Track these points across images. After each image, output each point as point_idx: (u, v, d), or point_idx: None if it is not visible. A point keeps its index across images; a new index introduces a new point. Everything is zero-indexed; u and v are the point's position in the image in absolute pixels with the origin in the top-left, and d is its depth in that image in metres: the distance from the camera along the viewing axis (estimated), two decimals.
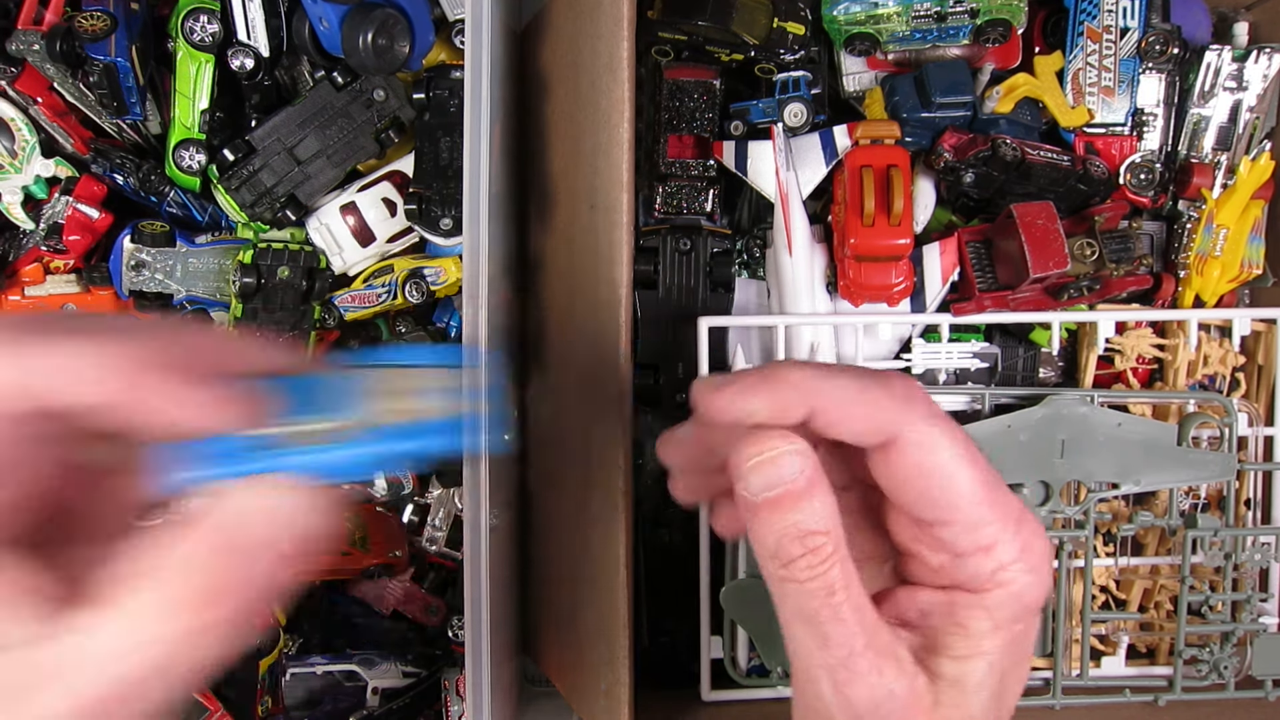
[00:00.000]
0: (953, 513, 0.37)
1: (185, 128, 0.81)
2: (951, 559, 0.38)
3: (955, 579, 0.38)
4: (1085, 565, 0.77)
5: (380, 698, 0.88)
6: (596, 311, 0.67)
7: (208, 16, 0.78)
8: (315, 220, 0.86)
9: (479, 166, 0.63)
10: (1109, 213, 0.78)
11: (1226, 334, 0.81)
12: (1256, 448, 0.81)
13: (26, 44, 0.76)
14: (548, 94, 0.79)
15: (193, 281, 0.85)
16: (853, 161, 0.76)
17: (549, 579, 0.81)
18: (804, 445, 0.37)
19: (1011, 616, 0.38)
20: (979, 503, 0.37)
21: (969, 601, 0.38)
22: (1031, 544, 0.38)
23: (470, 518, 0.65)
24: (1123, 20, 0.79)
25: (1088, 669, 0.78)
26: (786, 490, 0.36)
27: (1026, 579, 0.37)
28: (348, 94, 0.82)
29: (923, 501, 0.38)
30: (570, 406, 0.76)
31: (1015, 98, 0.78)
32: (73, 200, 0.81)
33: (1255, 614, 0.78)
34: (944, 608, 0.38)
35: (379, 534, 0.91)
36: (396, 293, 0.84)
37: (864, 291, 0.77)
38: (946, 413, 0.39)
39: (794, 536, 0.36)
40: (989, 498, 0.37)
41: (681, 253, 0.78)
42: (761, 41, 0.78)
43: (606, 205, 0.65)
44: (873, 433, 0.37)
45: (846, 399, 0.37)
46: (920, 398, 0.38)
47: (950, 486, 0.37)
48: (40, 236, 0.82)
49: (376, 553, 0.90)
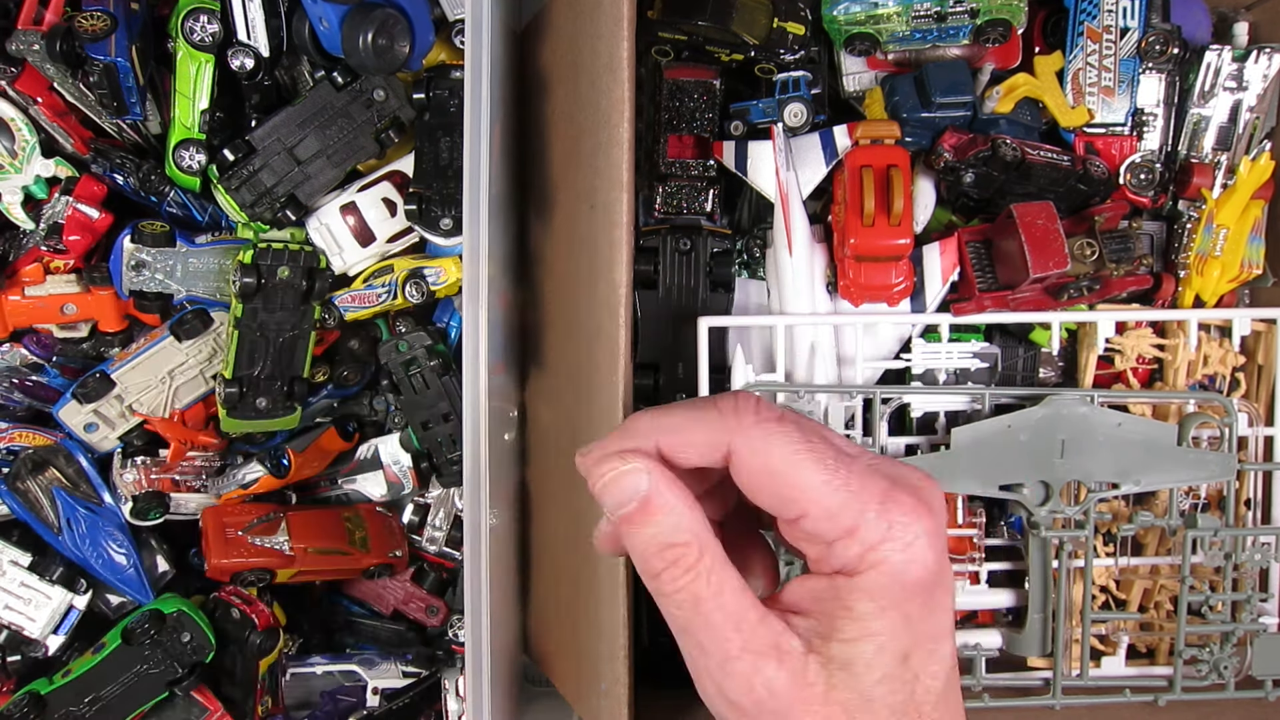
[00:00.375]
0: (805, 505, 0.38)
1: (185, 128, 0.81)
2: (824, 548, 0.39)
3: (833, 565, 0.39)
4: (1085, 565, 0.77)
5: (380, 698, 0.88)
6: (596, 311, 0.67)
7: (208, 16, 0.78)
8: (315, 220, 0.86)
9: (479, 166, 0.63)
10: (1109, 213, 0.78)
11: (1226, 334, 0.81)
12: (1256, 448, 0.81)
13: (27, 44, 0.76)
14: (547, 94, 0.79)
15: (193, 281, 0.85)
16: (853, 161, 0.76)
17: (549, 579, 0.81)
18: (646, 463, 0.40)
19: (898, 596, 0.38)
20: (831, 490, 0.38)
21: (848, 585, 0.38)
22: (902, 522, 0.38)
23: (470, 518, 0.65)
24: (1123, 20, 0.79)
25: (1088, 669, 0.78)
26: (636, 506, 0.39)
27: (900, 557, 0.38)
28: (347, 94, 0.82)
29: (775, 500, 0.39)
30: (570, 406, 0.76)
31: (1015, 98, 0.78)
32: (73, 200, 0.81)
33: (1255, 614, 0.78)
34: (830, 592, 0.39)
35: (379, 534, 0.91)
36: (396, 293, 0.84)
37: (864, 291, 0.77)
38: (787, 412, 0.40)
39: (655, 550, 0.39)
40: (842, 483, 0.38)
41: (681, 253, 0.78)
42: (761, 41, 0.78)
43: (606, 205, 0.65)
44: (712, 450, 0.40)
45: (682, 427, 0.40)
46: (748, 407, 0.40)
47: (794, 481, 0.38)
48: (40, 236, 0.82)
49: (377, 552, 0.90)
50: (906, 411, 0.80)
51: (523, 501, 0.84)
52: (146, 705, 0.79)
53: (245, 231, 0.87)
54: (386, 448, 0.93)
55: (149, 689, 0.78)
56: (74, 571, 0.82)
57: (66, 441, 0.84)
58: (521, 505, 0.84)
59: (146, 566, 0.85)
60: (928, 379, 0.80)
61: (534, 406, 0.84)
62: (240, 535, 0.85)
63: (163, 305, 0.85)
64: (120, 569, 0.83)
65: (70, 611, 0.81)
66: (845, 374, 0.79)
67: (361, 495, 0.95)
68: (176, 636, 0.79)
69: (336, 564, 0.88)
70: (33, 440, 0.84)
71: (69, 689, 0.77)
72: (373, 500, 0.95)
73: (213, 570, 0.84)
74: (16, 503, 0.81)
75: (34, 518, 0.81)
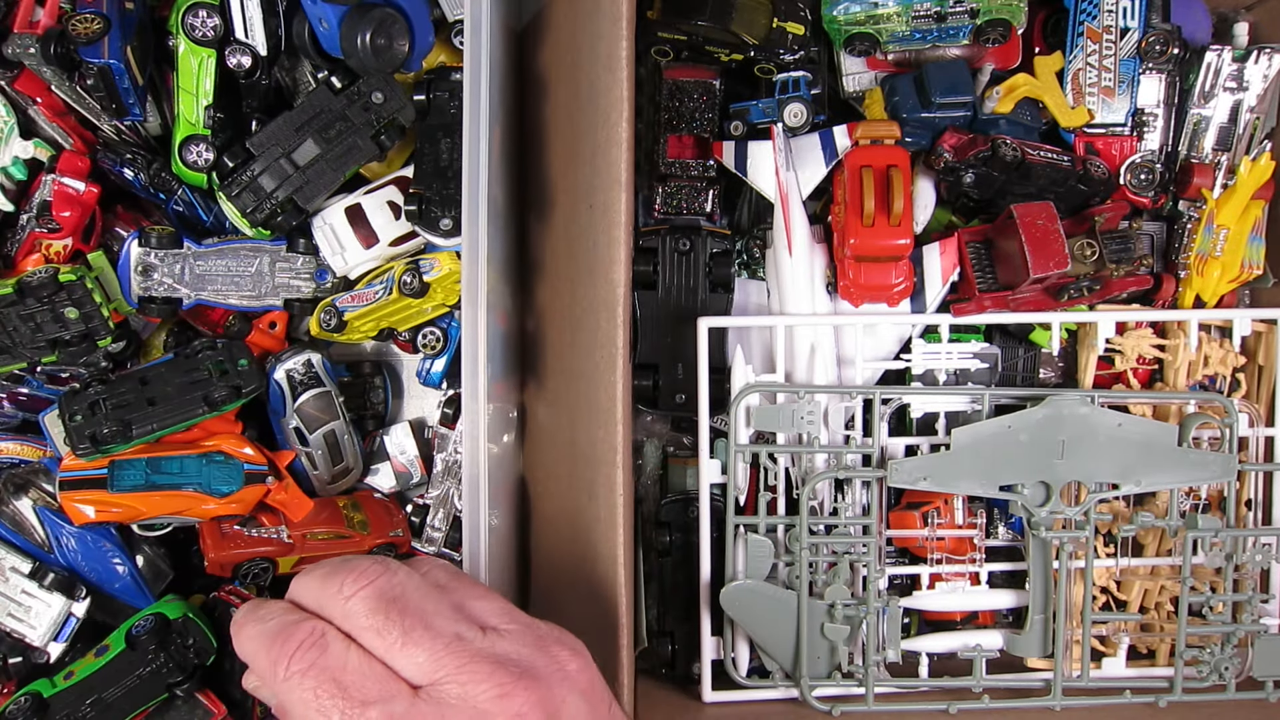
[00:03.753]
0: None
1: (189, 123, 0.81)
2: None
3: None
4: (1086, 566, 0.77)
5: None
6: (595, 311, 0.67)
7: (207, 11, 0.78)
8: (319, 220, 0.86)
9: (478, 167, 0.63)
10: (1109, 213, 0.78)
11: (1227, 334, 0.81)
12: (1257, 448, 0.81)
13: (22, 47, 0.75)
14: (547, 94, 0.79)
15: (200, 285, 0.85)
16: (853, 161, 0.76)
17: (549, 579, 0.81)
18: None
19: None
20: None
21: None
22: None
23: (470, 518, 0.65)
24: (1123, 20, 0.79)
25: (1088, 670, 0.78)
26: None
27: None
28: (345, 97, 0.82)
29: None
30: (569, 406, 0.76)
31: (1015, 98, 0.78)
32: (57, 175, 0.80)
33: (1256, 615, 0.78)
34: None
35: (377, 516, 0.91)
36: (392, 287, 0.84)
37: (864, 292, 0.77)
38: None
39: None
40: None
41: (681, 253, 0.78)
42: (761, 41, 0.78)
43: (605, 205, 0.65)
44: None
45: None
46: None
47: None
48: (32, 216, 0.81)
49: (377, 532, 0.89)
50: (906, 412, 0.79)
51: (522, 501, 0.84)
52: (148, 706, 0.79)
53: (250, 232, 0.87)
54: (391, 439, 0.94)
55: (151, 691, 0.78)
56: (73, 578, 0.82)
57: (49, 460, 0.84)
58: (521, 505, 0.84)
59: (144, 570, 0.85)
60: (928, 379, 0.80)
61: (533, 407, 0.84)
62: (237, 529, 0.84)
63: (170, 310, 0.85)
64: (117, 577, 0.83)
65: (69, 620, 0.81)
66: (845, 374, 0.79)
67: (371, 488, 0.95)
68: (179, 639, 0.79)
69: (338, 548, 0.88)
70: (18, 452, 0.84)
71: (72, 692, 0.77)
72: (383, 493, 0.95)
73: (212, 565, 0.83)
74: (2, 526, 0.81)
75: (21, 539, 0.81)
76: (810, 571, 0.74)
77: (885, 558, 0.79)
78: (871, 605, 0.74)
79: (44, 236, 0.81)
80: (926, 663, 0.79)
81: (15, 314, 0.77)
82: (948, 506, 0.79)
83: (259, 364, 0.85)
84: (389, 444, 0.94)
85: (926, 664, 0.79)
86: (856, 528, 0.75)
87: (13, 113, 0.79)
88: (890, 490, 0.79)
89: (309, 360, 0.88)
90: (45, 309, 0.77)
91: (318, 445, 0.89)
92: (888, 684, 0.77)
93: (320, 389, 0.89)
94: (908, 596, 0.79)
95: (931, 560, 0.79)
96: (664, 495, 0.86)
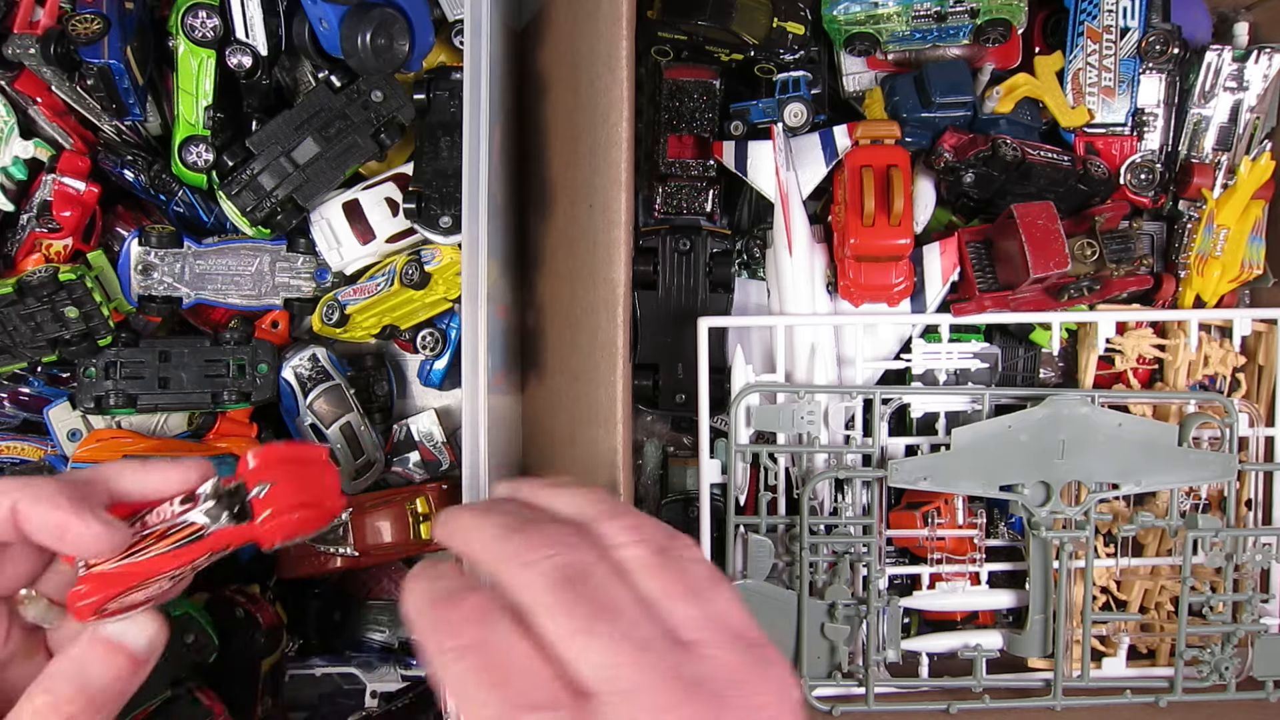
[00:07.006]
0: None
1: (189, 124, 0.81)
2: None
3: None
4: (1086, 566, 0.77)
5: (379, 699, 0.88)
6: (595, 311, 0.67)
7: (207, 12, 0.78)
8: (317, 215, 0.86)
9: (478, 167, 0.63)
10: (1109, 213, 0.78)
11: (1227, 334, 0.81)
12: (1257, 448, 0.81)
13: (23, 48, 0.75)
14: (547, 93, 0.79)
15: (201, 284, 0.85)
16: (853, 161, 0.76)
17: None
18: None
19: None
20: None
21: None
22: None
23: None
24: (1123, 20, 0.79)
25: (1088, 670, 0.78)
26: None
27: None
28: (345, 96, 0.82)
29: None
30: (569, 406, 0.76)
31: (1015, 98, 0.78)
32: (57, 175, 0.80)
33: (1256, 615, 0.78)
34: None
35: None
36: (394, 279, 0.84)
37: (864, 291, 0.77)
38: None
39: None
40: None
41: (681, 253, 0.78)
42: (761, 41, 0.78)
43: (605, 204, 0.65)
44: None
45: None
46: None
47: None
48: (33, 216, 0.81)
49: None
50: (906, 412, 0.79)
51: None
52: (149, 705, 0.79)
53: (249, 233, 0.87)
54: (418, 426, 0.94)
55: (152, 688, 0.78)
56: None
57: (51, 458, 0.84)
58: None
59: None
60: (928, 379, 0.80)
61: (533, 406, 0.84)
62: (309, 544, 0.86)
63: (170, 309, 0.85)
64: None
65: None
66: (845, 374, 0.79)
67: (403, 478, 0.95)
68: (180, 637, 0.79)
69: (396, 556, 0.89)
70: (20, 451, 0.84)
71: None
72: (416, 481, 0.94)
73: (285, 574, 0.87)
74: None
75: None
76: (810, 571, 0.74)
77: (885, 558, 0.79)
78: (872, 605, 0.74)
79: (44, 236, 0.81)
80: (927, 663, 0.79)
81: (15, 314, 0.77)
82: (948, 506, 0.79)
83: (275, 374, 0.86)
84: (415, 431, 0.94)
85: (926, 664, 0.79)
86: (857, 528, 0.75)
87: (13, 113, 0.79)
88: (890, 490, 0.79)
89: (314, 355, 0.88)
90: (45, 308, 0.77)
91: (336, 440, 0.88)
92: (888, 684, 0.77)
93: (330, 383, 0.89)
94: (908, 596, 0.79)
95: (932, 560, 0.79)
96: (664, 495, 0.86)
